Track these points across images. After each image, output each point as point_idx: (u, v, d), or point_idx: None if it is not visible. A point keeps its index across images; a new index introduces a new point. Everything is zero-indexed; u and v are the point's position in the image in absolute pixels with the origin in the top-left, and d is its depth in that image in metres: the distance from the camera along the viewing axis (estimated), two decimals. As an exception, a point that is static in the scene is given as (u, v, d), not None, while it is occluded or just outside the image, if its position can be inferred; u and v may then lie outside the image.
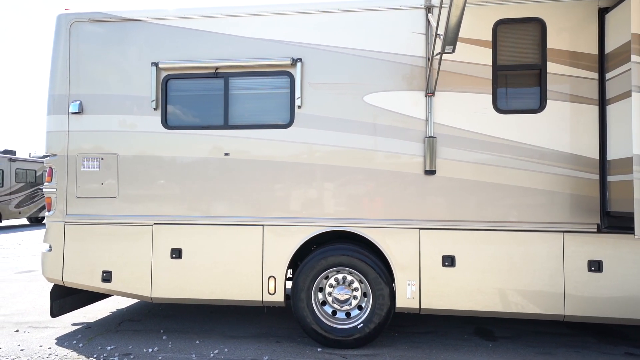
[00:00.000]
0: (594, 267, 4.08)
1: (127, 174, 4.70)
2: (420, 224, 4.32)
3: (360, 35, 4.45)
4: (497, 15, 4.29)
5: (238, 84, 4.63)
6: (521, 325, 5.10)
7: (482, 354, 4.28)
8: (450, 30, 3.34)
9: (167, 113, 4.69)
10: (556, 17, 4.21)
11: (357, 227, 4.41)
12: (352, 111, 4.44)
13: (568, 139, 4.17)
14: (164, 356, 4.22)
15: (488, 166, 4.25)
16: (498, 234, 4.23)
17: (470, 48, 4.31)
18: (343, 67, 4.47)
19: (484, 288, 4.23)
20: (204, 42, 4.64)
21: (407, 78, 4.37)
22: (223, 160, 4.58)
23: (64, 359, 4.17)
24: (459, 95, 4.32)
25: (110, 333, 4.90)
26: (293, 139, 4.50)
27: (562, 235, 4.15)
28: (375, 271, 4.36)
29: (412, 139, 4.35)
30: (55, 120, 4.84)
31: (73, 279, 4.73)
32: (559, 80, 4.20)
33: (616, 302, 4.06)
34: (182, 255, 4.58)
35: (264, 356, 4.21)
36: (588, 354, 4.31)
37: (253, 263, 4.49)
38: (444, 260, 4.28)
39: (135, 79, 4.72)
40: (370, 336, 4.37)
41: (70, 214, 4.75)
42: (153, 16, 4.72)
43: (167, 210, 4.62)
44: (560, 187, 4.16)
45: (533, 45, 4.27)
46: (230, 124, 4.60)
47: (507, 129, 4.24)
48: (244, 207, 4.53)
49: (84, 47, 4.82)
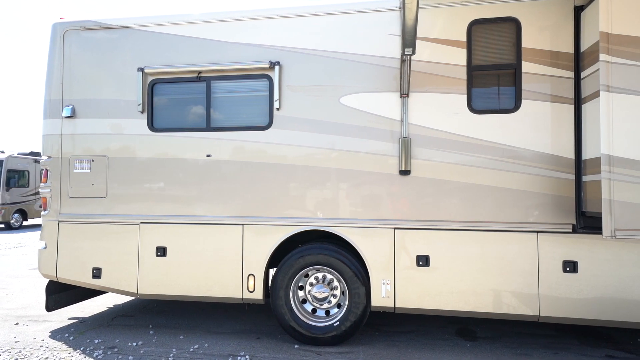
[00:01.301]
0: (569, 268, 4.05)
1: (115, 175, 4.90)
2: (395, 223, 4.37)
3: (336, 38, 4.53)
4: (472, 15, 4.29)
5: (219, 88, 4.77)
6: (505, 326, 5.08)
7: (457, 353, 4.29)
8: (407, 32, 3.39)
9: (153, 116, 4.87)
10: (531, 16, 4.19)
11: (334, 226, 4.49)
12: (328, 113, 4.52)
13: (543, 138, 4.14)
14: (146, 350, 4.39)
15: (463, 166, 4.26)
16: (472, 234, 4.24)
17: (445, 49, 4.33)
18: (320, 70, 4.55)
19: (458, 288, 4.24)
20: (188, 48, 4.80)
21: (382, 79, 4.42)
22: (205, 161, 4.72)
23: (53, 350, 4.40)
24: (434, 95, 4.34)
25: (102, 327, 5.11)
26: (272, 141, 4.61)
27: (536, 236, 4.13)
28: (352, 270, 4.43)
29: (388, 140, 4.40)
30: (50, 124, 5.08)
31: (66, 275, 4.96)
32: (534, 80, 4.17)
33: (591, 303, 4.01)
34: (166, 253, 4.75)
35: (241, 352, 4.33)
36: (566, 355, 4.27)
37: (233, 261, 4.62)
38: (418, 260, 4.31)
39: (123, 84, 4.91)
40: (346, 334, 4.44)
41: (63, 213, 4.99)
42: (139, 23, 4.90)
43: (153, 209, 4.80)
44: (536, 187, 4.14)
45: (508, 44, 4.26)
46: (212, 126, 4.75)
47: (482, 129, 4.24)
48: (224, 207, 4.67)
49: (76, 53, 5.05)
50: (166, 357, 4.21)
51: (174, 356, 4.23)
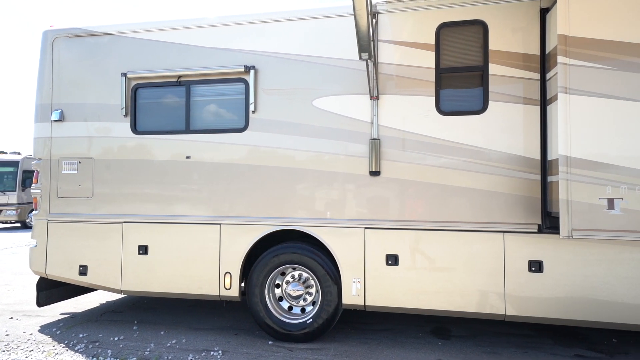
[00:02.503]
0: (535, 268, 4.09)
1: (101, 176, 5.10)
2: (366, 223, 4.46)
3: (309, 42, 4.64)
4: (440, 18, 4.35)
5: (199, 91, 4.92)
6: (483, 325, 5.12)
7: (427, 351, 4.37)
8: (361, 38, 3.48)
9: (136, 119, 5.05)
10: (498, 18, 4.24)
11: (308, 226, 4.60)
12: (302, 115, 4.63)
13: (510, 139, 4.19)
14: (126, 344, 4.57)
15: (431, 167, 4.33)
16: (440, 234, 4.31)
17: (414, 51, 4.41)
18: (293, 73, 4.67)
19: (426, 287, 4.31)
20: (168, 53, 4.97)
21: (353, 82, 4.51)
22: (185, 163, 4.88)
23: (39, 344, 4.61)
24: (404, 98, 4.42)
25: (90, 323, 5.32)
26: (248, 143, 4.74)
27: (503, 236, 4.18)
28: (324, 269, 4.54)
29: (359, 141, 4.50)
30: (41, 127, 5.31)
31: (54, 272, 5.18)
32: (501, 82, 4.22)
33: (556, 302, 4.04)
34: (148, 251, 4.93)
35: (215, 347, 4.48)
36: (536, 354, 4.30)
37: (211, 260, 4.78)
38: (387, 259, 4.40)
39: (108, 89, 5.11)
40: (318, 331, 4.55)
41: (52, 213, 5.21)
42: (123, 30, 5.09)
43: (136, 209, 4.98)
44: (502, 188, 4.19)
45: (475, 47, 4.31)
46: (191, 128, 4.91)
47: (450, 130, 4.31)
48: (203, 207, 4.82)
49: (65, 59, 5.26)
50: (142, 351, 4.39)
51: (151, 350, 4.40)
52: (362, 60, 3.85)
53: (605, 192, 3.54)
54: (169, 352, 4.35)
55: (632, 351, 4.37)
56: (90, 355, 4.30)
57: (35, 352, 4.40)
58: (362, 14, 3.33)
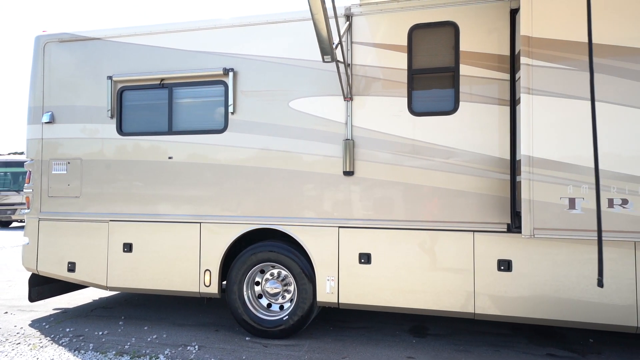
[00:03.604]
0: (503, 267, 4.12)
1: (88, 176, 5.27)
2: (340, 222, 4.54)
3: (285, 45, 4.73)
4: (412, 20, 4.41)
5: (180, 94, 5.06)
6: (461, 324, 5.15)
7: (399, 349, 4.43)
8: (321, 42, 3.56)
9: (122, 121, 5.22)
10: (469, 20, 4.28)
11: (284, 225, 4.70)
12: (279, 116, 4.73)
13: (480, 139, 4.23)
14: (108, 338, 4.73)
15: (403, 167, 4.39)
16: (412, 233, 4.36)
17: (387, 53, 4.47)
18: (271, 75, 4.77)
19: (398, 285, 4.38)
20: (152, 56, 5.12)
21: (328, 84, 4.59)
22: (167, 163, 5.03)
23: (27, 337, 4.80)
24: (377, 98, 4.49)
25: (79, 318, 5.51)
26: (227, 143, 4.86)
27: (472, 235, 4.22)
28: (299, 267, 4.63)
29: (333, 142, 4.58)
30: (33, 129, 5.51)
31: (45, 269, 5.38)
32: (472, 82, 4.26)
33: (525, 301, 4.07)
34: (132, 249, 5.09)
35: (193, 342, 4.61)
36: (507, 352, 4.33)
37: (192, 257, 4.91)
38: (360, 258, 4.47)
39: (95, 91, 5.28)
40: (294, 328, 4.65)
41: (43, 212, 5.40)
42: (109, 34, 5.26)
43: (121, 208, 5.15)
44: (473, 187, 4.23)
45: (447, 48, 4.36)
46: (173, 130, 5.05)
47: (422, 130, 4.36)
48: (184, 206, 4.96)
49: (55, 63, 5.45)
50: (123, 345, 4.54)
51: (131, 345, 4.55)
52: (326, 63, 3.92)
53: (566, 192, 3.57)
54: (148, 347, 4.50)
55: (605, 351, 4.37)
56: (72, 348, 4.47)
57: (22, 345, 4.59)
58: (320, 18, 3.41)
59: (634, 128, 3.47)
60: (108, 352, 4.35)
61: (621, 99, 3.47)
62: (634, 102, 3.46)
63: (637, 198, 3.44)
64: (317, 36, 3.59)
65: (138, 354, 4.32)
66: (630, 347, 4.45)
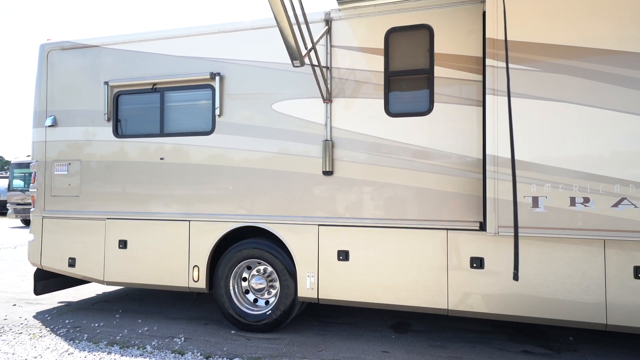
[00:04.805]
0: (476, 264, 4.20)
1: (87, 176, 5.57)
2: (319, 220, 4.69)
3: (269, 49, 4.91)
4: (389, 24, 4.53)
5: (172, 97, 5.30)
6: (445, 321, 5.22)
7: (377, 343, 4.55)
8: (288, 48, 3.72)
9: (117, 124, 5.49)
10: (443, 22, 4.37)
11: (267, 223, 4.88)
12: (262, 118, 4.92)
13: (454, 139, 4.31)
14: (102, 330, 5.01)
15: (380, 167, 4.52)
16: (388, 231, 4.48)
17: (365, 56, 4.60)
18: (255, 79, 4.96)
19: (375, 281, 4.50)
20: (145, 62, 5.37)
21: (308, 87, 4.74)
22: (159, 164, 5.27)
23: (29, 327, 5.12)
24: (355, 100, 4.63)
25: (80, 311, 5.82)
26: (214, 145, 5.07)
27: (446, 233, 4.31)
28: (282, 263, 4.81)
29: (313, 142, 4.73)
30: (37, 132, 5.84)
31: (48, 264, 5.70)
32: (446, 83, 4.35)
33: (496, 298, 4.14)
34: (127, 245, 5.35)
35: (180, 334, 4.84)
36: (482, 349, 4.41)
37: (181, 254, 5.14)
38: (339, 255, 4.61)
39: (93, 96, 5.57)
40: (277, 322, 4.82)
41: (47, 210, 5.73)
42: (106, 42, 5.54)
43: (116, 207, 5.42)
44: (446, 186, 4.32)
45: (422, 50, 4.46)
46: (165, 132, 5.29)
47: (398, 131, 4.48)
48: (175, 204, 5.19)
49: (57, 70, 5.77)
50: (115, 336, 4.80)
51: (122, 336, 4.81)
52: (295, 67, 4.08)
53: (530, 191, 3.64)
54: (138, 338, 4.74)
55: (582, 349, 4.40)
56: (68, 338, 4.76)
57: (24, 334, 4.90)
58: (285, 26, 3.57)
59: (594, 127, 3.52)
60: (100, 342, 4.62)
61: (580, 99, 3.52)
62: (592, 101, 3.50)
63: (598, 196, 3.49)
64: (284, 42, 3.75)
65: (127, 344, 4.57)
66: (608, 345, 4.47)
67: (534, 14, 3.69)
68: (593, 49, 3.51)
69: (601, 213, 3.47)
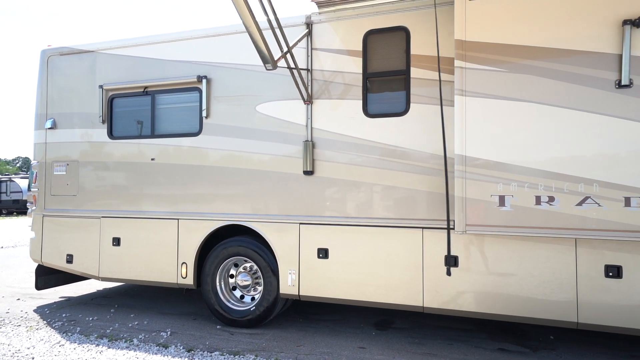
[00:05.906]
0: (450, 263, 4.25)
1: (84, 176, 5.80)
2: (300, 219, 4.81)
3: (253, 52, 5.01)
4: (367, 26, 4.61)
5: (162, 100, 5.49)
6: (428, 320, 5.28)
7: (356, 339, 4.64)
8: (259, 52, 3.84)
9: (112, 126, 5.71)
10: (419, 24, 4.43)
11: (250, 221, 5.02)
12: (247, 119, 5.06)
13: (430, 139, 4.37)
14: (95, 324, 5.22)
15: (358, 166, 4.61)
16: (365, 229, 4.57)
17: (344, 58, 4.70)
18: (240, 81, 5.11)
19: (354, 279, 4.59)
20: (137, 66, 5.57)
21: (290, 88, 4.85)
22: (150, 164, 5.46)
23: (27, 320, 5.37)
24: (334, 102, 4.73)
25: (79, 305, 6.06)
26: (201, 145, 5.24)
27: (422, 232, 4.37)
28: (265, 261, 4.94)
29: (295, 143, 4.85)
30: (38, 134, 6.11)
31: (48, 260, 5.96)
32: (422, 84, 4.41)
33: (469, 296, 4.19)
34: (120, 243, 5.56)
35: (168, 328, 5.02)
36: (459, 346, 4.46)
37: (170, 251, 5.32)
38: (319, 253, 4.72)
39: (90, 99, 5.80)
40: (260, 318, 4.96)
41: (47, 209, 5.99)
42: (101, 47, 5.77)
43: (111, 206, 5.64)
44: (422, 186, 4.38)
45: (399, 52, 4.53)
46: (155, 133, 5.48)
47: (376, 131, 4.56)
48: (164, 203, 5.38)
49: (57, 74, 6.03)
50: (105, 329, 5.01)
51: (113, 329, 5.01)
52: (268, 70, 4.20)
53: (496, 190, 3.68)
54: (127, 332, 4.94)
55: (560, 348, 4.40)
56: (62, 331, 4.98)
57: (22, 327, 5.15)
58: (253, 31, 3.70)
59: (559, 127, 3.54)
60: (91, 335, 4.82)
61: (545, 99, 3.55)
62: (556, 101, 3.52)
63: (563, 195, 3.51)
64: (255, 46, 3.88)
65: (116, 337, 4.76)
66: (587, 344, 4.46)
67: (497, 15, 3.72)
68: (557, 49, 3.53)
69: (565, 212, 3.49)
